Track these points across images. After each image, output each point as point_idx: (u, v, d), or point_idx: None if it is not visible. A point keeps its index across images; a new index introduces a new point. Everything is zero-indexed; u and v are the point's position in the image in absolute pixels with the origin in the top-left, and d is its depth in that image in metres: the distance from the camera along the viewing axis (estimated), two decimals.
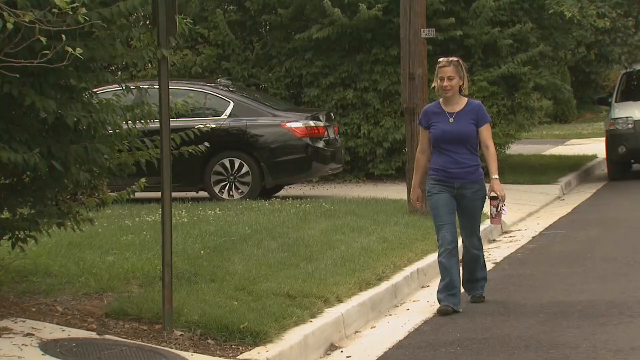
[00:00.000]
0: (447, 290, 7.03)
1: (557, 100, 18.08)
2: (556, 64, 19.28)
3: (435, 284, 7.55)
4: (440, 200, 7.06)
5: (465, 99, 7.19)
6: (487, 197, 7.20)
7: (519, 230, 11.44)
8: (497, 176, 7.17)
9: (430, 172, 7.15)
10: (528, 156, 19.26)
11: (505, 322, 6.76)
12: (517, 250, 9.94)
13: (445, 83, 7.06)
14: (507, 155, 16.77)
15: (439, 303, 7.06)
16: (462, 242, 7.27)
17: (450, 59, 7.18)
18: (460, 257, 7.32)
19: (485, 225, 9.71)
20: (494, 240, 10.79)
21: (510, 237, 10.96)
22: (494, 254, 9.82)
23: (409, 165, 11.37)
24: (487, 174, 7.22)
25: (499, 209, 7.20)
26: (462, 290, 7.31)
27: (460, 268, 7.26)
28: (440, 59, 7.20)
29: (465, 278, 7.33)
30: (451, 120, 7.07)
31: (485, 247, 10.27)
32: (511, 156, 17.41)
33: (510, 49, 15.99)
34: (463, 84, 7.14)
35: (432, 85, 7.21)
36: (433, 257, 9.01)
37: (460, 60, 7.20)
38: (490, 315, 6.98)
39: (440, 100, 7.20)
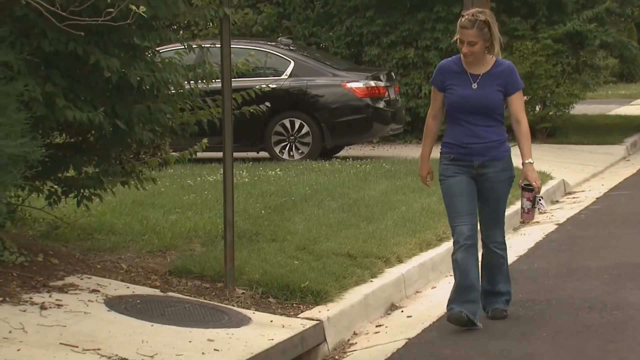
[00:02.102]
0: (462, 296, 5.51)
1: (623, 59, 17.64)
2: (623, 21, 18.81)
3: None
4: (455, 186, 5.54)
5: (494, 58, 5.59)
6: (519, 185, 5.66)
7: (583, 191, 11.28)
8: (531, 160, 5.56)
9: (443, 148, 5.67)
10: (593, 116, 18.91)
11: (569, 283, 6.69)
12: (580, 212, 9.81)
13: (465, 49, 5.50)
14: (571, 115, 16.49)
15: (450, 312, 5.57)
16: (481, 238, 5.71)
17: (475, 16, 5.48)
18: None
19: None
20: (557, 201, 10.67)
21: (574, 198, 10.81)
22: (557, 215, 9.70)
23: None
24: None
25: (535, 204, 5.59)
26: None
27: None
28: (463, 15, 5.56)
29: (483, 289, 5.72)
30: (474, 85, 5.55)
31: (549, 208, 10.17)
32: (575, 116, 17.12)
33: (576, 6, 15.64)
34: (491, 46, 5.52)
35: (454, 38, 5.64)
36: None
37: (488, 17, 5.50)
38: (553, 276, 6.90)
39: (462, 55, 5.62)
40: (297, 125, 12.61)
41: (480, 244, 5.74)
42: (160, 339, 4.94)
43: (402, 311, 6.29)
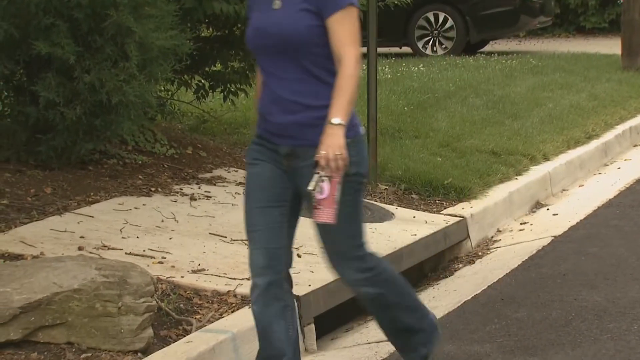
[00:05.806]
0: None
1: None
2: None
3: None
4: (252, 181, 3.27)
5: None
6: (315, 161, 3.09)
7: None
8: (340, 120, 3.03)
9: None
10: None
11: None
12: None
13: None
14: None
15: None
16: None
17: None
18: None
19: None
20: None
21: None
22: None
23: (624, 17, 10.74)
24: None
25: (315, 187, 3.03)
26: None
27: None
28: None
29: (385, 334, 3.53)
30: (276, 4, 3.16)
31: None
32: None
33: None
34: None
35: None
36: None
37: None
38: None
39: None
40: (441, 19, 12.35)
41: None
42: (305, 231, 5.00)
43: (547, 209, 6.18)
